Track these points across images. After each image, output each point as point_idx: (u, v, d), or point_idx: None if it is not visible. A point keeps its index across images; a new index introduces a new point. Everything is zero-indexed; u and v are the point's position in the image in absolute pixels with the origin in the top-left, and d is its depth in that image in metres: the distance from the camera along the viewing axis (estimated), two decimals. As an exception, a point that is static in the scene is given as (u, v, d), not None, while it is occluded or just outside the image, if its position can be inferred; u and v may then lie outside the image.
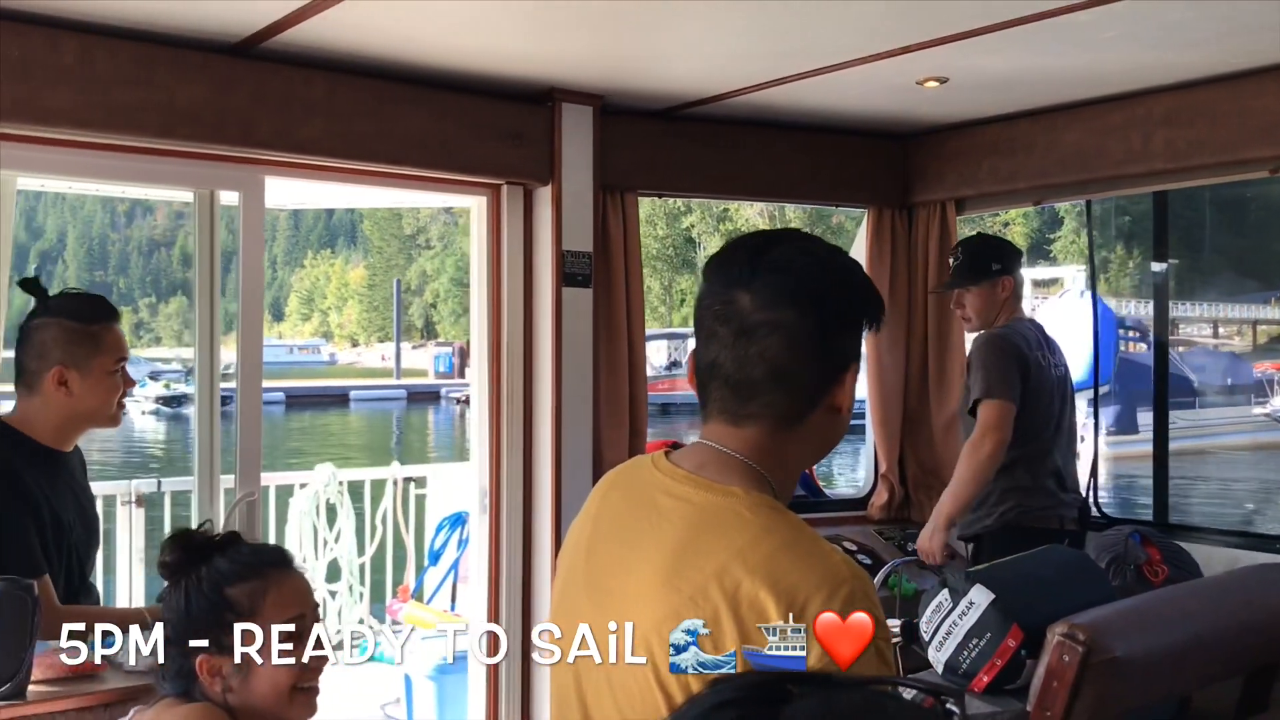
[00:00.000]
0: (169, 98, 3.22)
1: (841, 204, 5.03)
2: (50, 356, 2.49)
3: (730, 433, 1.35)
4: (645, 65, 3.72)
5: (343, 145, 3.54)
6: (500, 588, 4.04)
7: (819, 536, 1.31)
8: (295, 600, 1.90)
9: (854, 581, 1.25)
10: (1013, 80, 3.80)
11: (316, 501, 6.18)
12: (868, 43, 3.38)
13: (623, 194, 4.15)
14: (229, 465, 3.57)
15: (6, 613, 2.09)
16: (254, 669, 1.83)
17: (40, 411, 2.50)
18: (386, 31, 3.28)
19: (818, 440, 1.39)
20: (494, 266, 4.06)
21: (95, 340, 2.52)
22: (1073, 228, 39.26)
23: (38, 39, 3.03)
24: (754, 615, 1.21)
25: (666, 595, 1.26)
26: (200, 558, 1.87)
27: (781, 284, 1.32)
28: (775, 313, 1.31)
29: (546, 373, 4.01)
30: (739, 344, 1.32)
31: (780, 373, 1.32)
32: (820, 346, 1.33)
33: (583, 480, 4.00)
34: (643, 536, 1.33)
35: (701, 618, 1.23)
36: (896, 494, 4.61)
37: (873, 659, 1.21)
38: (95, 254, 76.49)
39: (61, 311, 2.53)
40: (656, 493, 1.35)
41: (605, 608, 1.33)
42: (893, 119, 4.39)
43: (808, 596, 1.21)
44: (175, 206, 78.92)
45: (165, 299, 69.07)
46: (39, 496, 2.44)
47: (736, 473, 1.34)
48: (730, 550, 1.26)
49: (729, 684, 0.74)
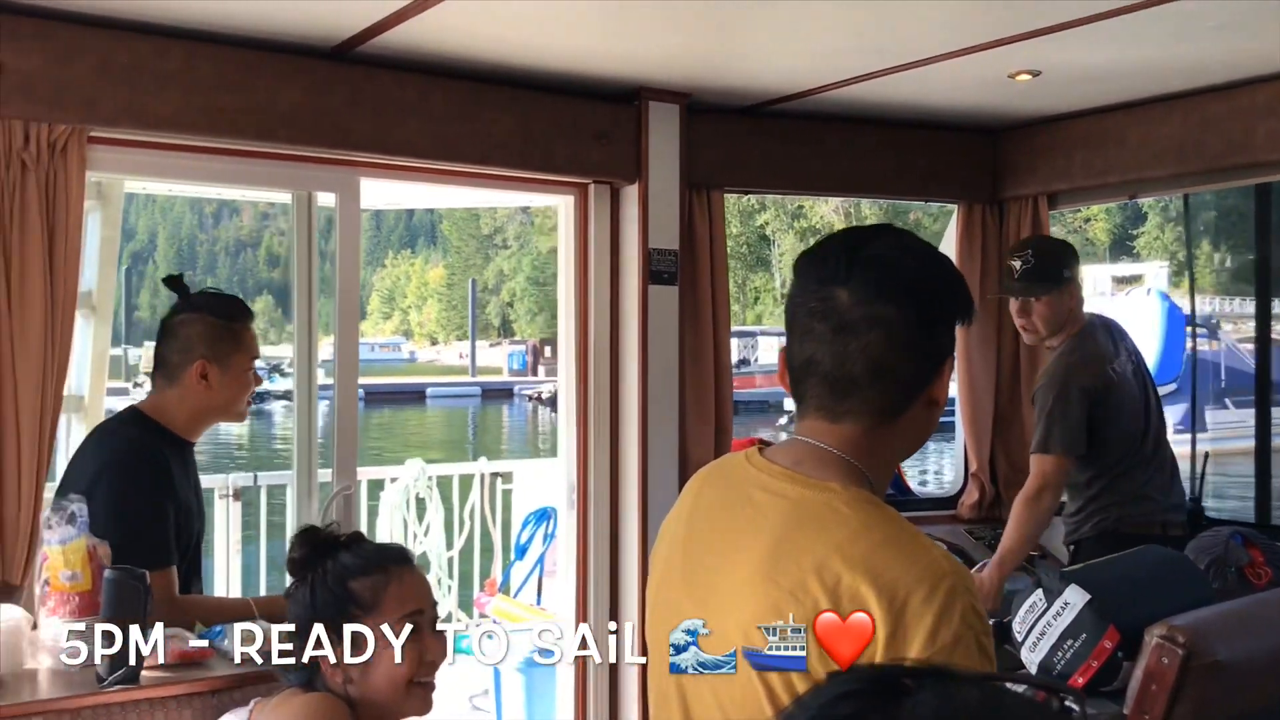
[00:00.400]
0: (269, 101, 3.30)
1: (930, 199, 4.98)
2: (194, 350, 2.60)
3: (827, 428, 1.36)
4: (732, 62, 3.73)
5: (435, 146, 3.60)
6: (588, 583, 4.08)
7: (918, 531, 1.31)
8: (415, 596, 1.95)
9: (955, 576, 1.25)
10: (1108, 72, 3.73)
11: (407, 495, 6.29)
12: (960, 37, 3.35)
13: (709, 191, 4.16)
14: (322, 460, 3.66)
15: (120, 600, 2.17)
16: (374, 662, 1.88)
17: (177, 402, 2.61)
18: (477, 34, 3.33)
19: (913, 434, 1.39)
20: (581, 265, 4.10)
21: (236, 338, 2.65)
22: (1156, 223, 38.21)
23: (145, 47, 3.13)
24: (855, 609, 1.22)
25: (766, 590, 1.27)
26: (326, 553, 1.93)
27: (880, 279, 1.32)
28: (875, 308, 1.31)
29: (633, 370, 4.04)
30: (837, 340, 1.32)
31: (880, 368, 1.32)
32: (919, 341, 1.34)
33: (669, 476, 4.02)
34: (740, 532, 1.34)
35: (802, 612, 1.24)
36: (987, 493, 4.55)
37: (974, 652, 1.20)
38: (184, 254, 78.53)
39: (206, 308, 2.66)
40: (752, 488, 1.36)
41: (705, 604, 1.35)
42: (983, 113, 4.33)
43: (909, 591, 1.22)
44: (260, 208, 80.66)
45: (251, 298, 70.39)
46: (178, 483, 2.55)
47: (833, 468, 1.34)
48: (829, 545, 1.26)
49: (850, 675, 0.75)
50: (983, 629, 1.23)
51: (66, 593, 2.26)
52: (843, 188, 4.69)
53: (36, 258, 2.98)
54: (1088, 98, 4.09)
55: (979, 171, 4.55)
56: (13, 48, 2.95)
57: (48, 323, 2.99)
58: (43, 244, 2.99)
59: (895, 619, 1.21)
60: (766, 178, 4.35)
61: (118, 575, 2.18)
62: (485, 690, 5.11)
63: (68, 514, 2.28)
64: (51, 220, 3.01)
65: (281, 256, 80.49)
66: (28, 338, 2.97)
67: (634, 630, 4.07)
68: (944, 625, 1.20)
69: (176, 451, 2.62)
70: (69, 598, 2.26)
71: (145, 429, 2.59)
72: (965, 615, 1.22)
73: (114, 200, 3.73)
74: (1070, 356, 3.51)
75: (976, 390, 4.53)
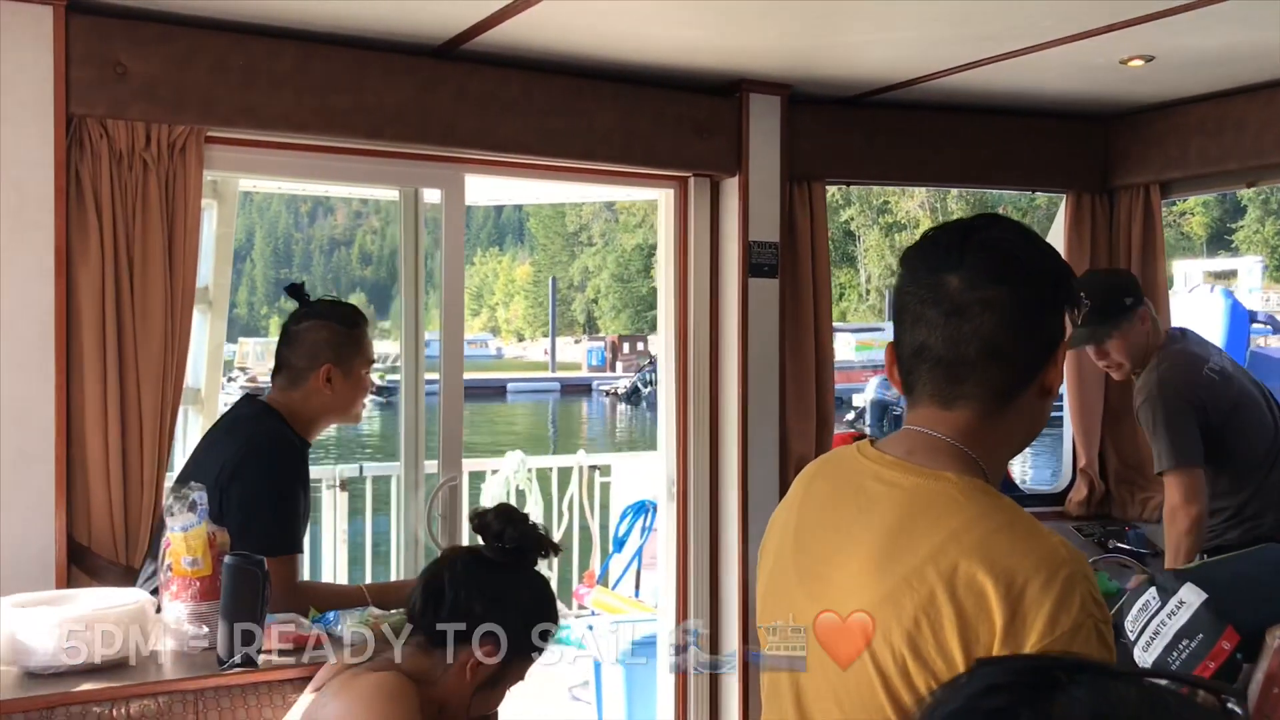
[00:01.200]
0: (377, 100, 3.37)
1: (1037, 189, 4.88)
2: (321, 356, 2.71)
3: (940, 416, 1.35)
4: (834, 53, 3.69)
5: (537, 142, 3.64)
6: (688, 576, 4.08)
7: (1035, 519, 1.29)
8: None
9: (1073, 564, 1.23)
10: (1224, 56, 3.61)
11: (508, 488, 6.37)
12: (1069, 23, 3.27)
13: (810, 183, 4.13)
14: (426, 452, 3.73)
15: (239, 586, 2.24)
16: (504, 680, 2.00)
17: (300, 404, 2.72)
18: (579, 29, 3.36)
19: (1026, 422, 1.38)
20: (681, 258, 4.10)
21: (357, 343, 2.77)
22: (1256, 216, 36.88)
23: (259, 48, 3.22)
24: (971, 596, 1.21)
25: (881, 579, 1.27)
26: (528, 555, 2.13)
27: (992, 263, 1.32)
28: (988, 290, 1.31)
29: (732, 363, 4.03)
30: (950, 324, 1.32)
31: (995, 349, 1.32)
32: (1033, 322, 1.34)
33: (769, 470, 4.01)
34: (853, 523, 1.34)
35: (917, 599, 1.23)
36: (1097, 489, 4.45)
37: (1094, 640, 1.18)
38: (280, 252, 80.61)
39: (329, 315, 2.77)
40: (865, 479, 1.36)
41: (819, 595, 1.35)
42: (1092, 100, 4.23)
43: (1027, 578, 1.20)
44: (354, 206, 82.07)
45: (346, 296, 72.00)
46: (307, 477, 2.66)
47: (947, 457, 1.33)
48: (945, 532, 1.25)
49: (998, 667, 0.72)
50: (1102, 617, 1.21)
51: (188, 578, 2.34)
52: (947, 178, 4.61)
53: (157, 254, 3.09)
54: (1203, 83, 3.96)
55: (1088, 160, 4.44)
56: (135, 52, 3.06)
57: (167, 317, 3.10)
58: (163, 241, 3.10)
59: (1013, 606, 1.19)
60: (869, 169, 4.30)
61: (237, 561, 2.25)
62: (585, 681, 5.15)
63: (189, 501, 2.36)
64: (171, 218, 3.12)
65: (374, 254, 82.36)
66: (149, 332, 3.08)
67: (735, 622, 4.06)
68: (1063, 612, 1.19)
69: (303, 447, 2.71)
70: (190, 582, 2.34)
71: (281, 422, 2.69)
72: (1084, 603, 1.20)
73: (229, 198, 3.85)
74: (1159, 368, 3.40)
75: (1086, 385, 4.43)
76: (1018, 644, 1.18)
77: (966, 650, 1.20)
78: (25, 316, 2.94)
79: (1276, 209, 37.93)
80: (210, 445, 2.76)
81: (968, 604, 1.21)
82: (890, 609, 1.25)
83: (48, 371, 2.96)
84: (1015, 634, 1.18)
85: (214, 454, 2.67)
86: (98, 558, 3.00)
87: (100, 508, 3.02)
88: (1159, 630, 2.57)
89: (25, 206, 2.93)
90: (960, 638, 1.20)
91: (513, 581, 2.04)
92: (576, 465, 6.65)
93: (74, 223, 3.00)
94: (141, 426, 3.07)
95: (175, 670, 2.24)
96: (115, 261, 3.04)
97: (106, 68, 3.03)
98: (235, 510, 2.48)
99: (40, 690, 2.08)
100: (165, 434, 3.12)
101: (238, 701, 2.19)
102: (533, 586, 2.09)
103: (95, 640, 2.17)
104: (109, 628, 2.19)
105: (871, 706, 1.26)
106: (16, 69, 2.91)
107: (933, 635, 1.22)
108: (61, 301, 2.97)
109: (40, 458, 2.95)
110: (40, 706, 2.04)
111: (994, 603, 1.20)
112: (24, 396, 2.93)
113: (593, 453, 7.47)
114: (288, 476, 2.61)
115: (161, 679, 2.19)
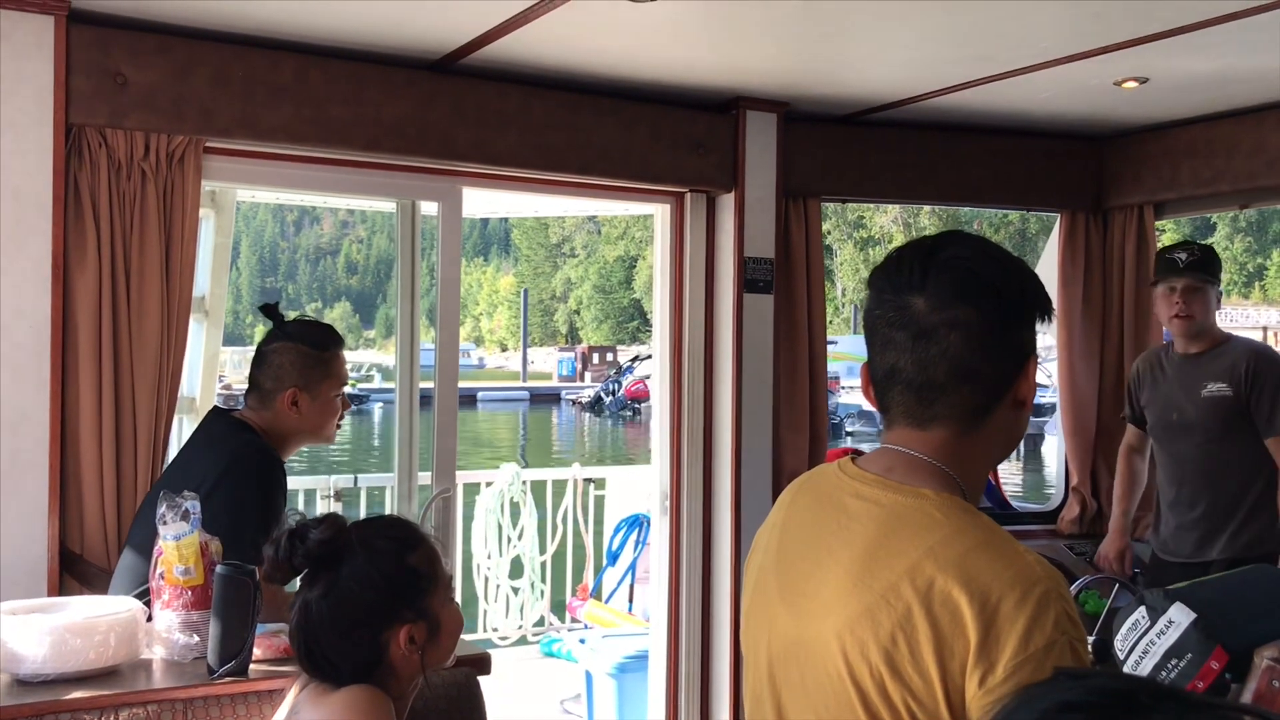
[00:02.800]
0: (376, 113, 3.39)
1: (1032, 208, 4.90)
2: (286, 379, 2.69)
3: (916, 436, 1.36)
4: (831, 71, 3.72)
5: (535, 156, 3.66)
6: (680, 589, 4.09)
7: (1011, 537, 1.30)
8: (441, 558, 1.96)
9: (1048, 581, 1.23)
10: (1218, 79, 3.64)
11: (501, 500, 6.37)
12: (1065, 44, 3.30)
13: (805, 200, 4.15)
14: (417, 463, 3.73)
15: (230, 596, 2.24)
16: (443, 629, 1.88)
17: (271, 425, 2.70)
18: (578, 45, 3.38)
19: (1003, 437, 1.39)
20: (676, 273, 4.12)
21: (326, 366, 2.73)
22: (1225, 234, 37.36)
23: (259, 59, 3.24)
24: (946, 612, 1.21)
25: (859, 594, 1.27)
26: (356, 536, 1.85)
27: (955, 283, 1.33)
28: (953, 311, 1.32)
29: (727, 378, 4.04)
30: (918, 346, 1.33)
31: (963, 370, 1.32)
32: (1000, 340, 1.34)
33: (762, 485, 4.02)
34: (833, 539, 1.35)
35: (893, 616, 1.24)
36: (1089, 507, 4.46)
37: (1068, 658, 1.19)
38: (266, 261, 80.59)
39: (299, 338, 2.73)
40: (845, 496, 1.37)
41: (799, 611, 1.36)
42: (1087, 121, 4.25)
43: (1001, 595, 1.21)
44: (340, 216, 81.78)
45: (330, 304, 72.39)
46: (285, 492, 2.65)
47: (925, 474, 1.34)
48: (922, 549, 1.26)
49: (1078, 684, 0.71)
50: (1077, 635, 1.22)
51: (180, 586, 2.34)
52: (942, 196, 4.63)
53: (154, 263, 3.10)
54: (1197, 105, 3.99)
55: (1082, 180, 4.47)
56: (135, 62, 3.08)
57: (163, 326, 3.11)
58: (160, 250, 3.11)
59: (987, 623, 1.20)
60: (864, 186, 4.32)
61: (229, 571, 2.25)
62: (577, 694, 5.15)
63: (182, 510, 2.36)
64: (169, 227, 3.13)
65: (360, 263, 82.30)
66: (145, 340, 3.09)
67: (727, 637, 4.07)
68: (1037, 630, 1.19)
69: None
70: (182, 591, 2.34)
71: (257, 435, 2.68)
72: (1059, 621, 1.20)
73: (226, 208, 3.87)
74: (1254, 345, 3.70)
75: (1079, 402, 4.45)
76: (991, 661, 1.19)
77: (942, 666, 1.21)
78: (21, 323, 2.95)
79: (1245, 227, 38.55)
80: (188, 459, 2.74)
81: (943, 620, 1.21)
82: (868, 625, 1.25)
83: (43, 378, 2.97)
84: (988, 651, 1.19)
85: (194, 468, 2.64)
86: (90, 565, 3.00)
87: (93, 515, 3.03)
88: (1148, 649, 2.57)
89: (24, 214, 2.94)
90: (936, 654, 1.21)
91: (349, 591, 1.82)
92: (571, 478, 6.66)
93: (72, 231, 3.02)
94: (136, 435, 3.08)
95: (165, 679, 2.24)
96: (112, 270, 3.05)
97: (106, 78, 3.05)
98: (218, 523, 2.46)
99: (30, 698, 2.08)
100: (160, 442, 3.13)
101: (227, 711, 2.19)
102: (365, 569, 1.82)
103: (86, 648, 2.17)
104: (100, 635, 2.20)
105: None
106: (17, 78, 2.93)
107: (909, 652, 1.22)
108: (58, 309, 2.98)
109: (34, 465, 2.95)
110: (29, 715, 2.04)
111: (968, 619, 1.20)
112: (19, 403, 2.94)
113: (610, 466, 7.45)
114: (267, 489, 2.59)
115: (152, 687, 2.19)
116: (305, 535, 1.82)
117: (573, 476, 6.65)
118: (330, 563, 1.83)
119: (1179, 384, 3.70)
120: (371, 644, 1.82)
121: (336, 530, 1.84)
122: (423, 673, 1.87)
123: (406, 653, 1.82)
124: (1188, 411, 3.66)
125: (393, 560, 1.85)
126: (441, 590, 1.90)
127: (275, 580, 1.92)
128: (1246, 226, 38.59)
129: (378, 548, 1.85)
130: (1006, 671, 1.18)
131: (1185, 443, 3.69)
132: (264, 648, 2.31)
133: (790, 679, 1.36)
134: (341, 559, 1.83)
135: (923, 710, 1.22)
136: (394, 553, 1.86)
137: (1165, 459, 3.78)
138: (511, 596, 6.39)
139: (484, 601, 6.34)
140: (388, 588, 1.83)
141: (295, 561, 1.83)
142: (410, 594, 1.84)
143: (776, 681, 1.39)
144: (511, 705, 5.11)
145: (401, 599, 1.84)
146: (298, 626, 1.84)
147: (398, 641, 1.82)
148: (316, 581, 1.84)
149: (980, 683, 1.19)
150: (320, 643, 1.82)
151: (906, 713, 1.23)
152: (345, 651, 1.81)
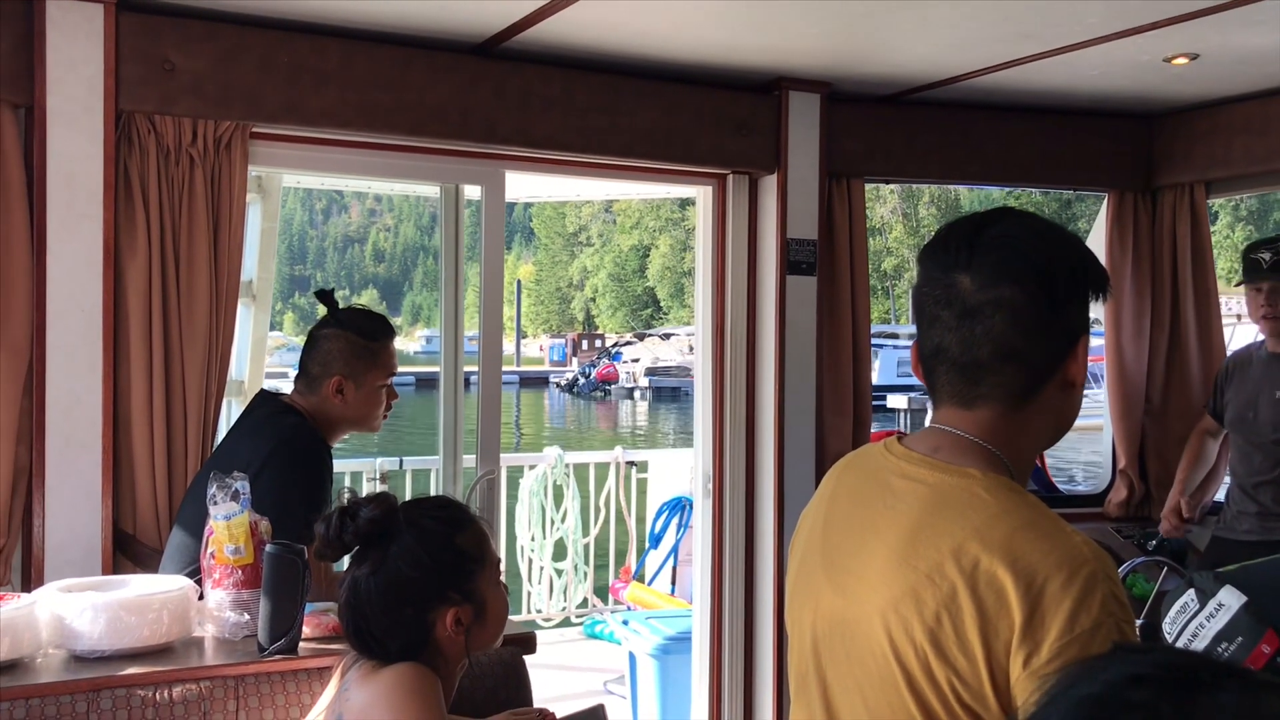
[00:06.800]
0: (419, 97, 3.41)
1: (1079, 188, 4.84)
2: (333, 366, 2.72)
3: (962, 416, 1.35)
4: (875, 51, 3.69)
5: (578, 139, 3.66)
6: (723, 571, 4.09)
7: (1058, 518, 1.29)
8: (490, 540, 1.97)
9: (1095, 562, 1.22)
10: (1270, 55, 3.57)
11: (545, 483, 6.41)
12: (1113, 21, 3.25)
13: (849, 181, 4.12)
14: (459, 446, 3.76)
15: (280, 574, 2.27)
16: (489, 613, 1.90)
17: (316, 409, 2.74)
18: (620, 27, 3.37)
19: (1052, 417, 1.37)
20: (718, 255, 4.11)
21: (374, 356, 2.75)
22: (1227, 222, 36.72)
23: (304, 45, 3.27)
24: (991, 592, 1.21)
25: (903, 573, 1.27)
26: (407, 516, 1.88)
27: (1001, 261, 1.31)
28: (997, 291, 1.30)
29: (769, 360, 4.03)
30: (963, 326, 1.32)
31: (1007, 351, 1.31)
32: (1047, 320, 1.32)
33: (805, 467, 4.01)
34: (878, 518, 1.35)
35: (938, 595, 1.24)
36: (1136, 490, 4.41)
37: (1114, 636, 1.18)
38: (295, 249, 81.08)
39: (349, 325, 2.76)
40: (891, 475, 1.36)
41: (844, 590, 1.36)
42: (1136, 98, 4.19)
43: (1047, 576, 1.20)
44: (368, 204, 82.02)
45: (358, 291, 73.07)
46: (332, 474, 2.68)
47: (972, 454, 1.33)
48: (968, 529, 1.25)
49: (1144, 658, 0.70)
50: (1124, 617, 1.21)
51: (230, 566, 2.38)
52: (989, 176, 4.57)
53: (203, 249, 3.14)
54: (1250, 81, 3.92)
55: (1131, 159, 4.40)
56: (183, 49, 3.12)
57: (212, 310, 3.15)
58: (208, 235, 3.15)
59: (1033, 603, 1.19)
60: (908, 167, 4.28)
61: (278, 550, 2.28)
62: (620, 675, 5.17)
63: (232, 491, 2.39)
64: (216, 213, 3.17)
65: (387, 251, 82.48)
66: (194, 325, 3.13)
67: (770, 619, 4.07)
68: (1083, 611, 1.18)
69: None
70: (232, 570, 2.38)
71: (304, 419, 2.72)
72: (1105, 602, 1.19)
73: (273, 193, 3.91)
74: None
75: (1127, 385, 4.39)
76: (1036, 642, 1.18)
77: (987, 646, 1.20)
78: (74, 308, 3.00)
79: (1245, 215, 37.88)
80: (236, 441, 2.77)
81: (988, 600, 1.21)
82: (912, 604, 1.25)
83: (95, 362, 3.02)
84: (1034, 632, 1.18)
85: (242, 450, 2.67)
86: (142, 545, 3.06)
87: (145, 496, 3.08)
88: (1197, 632, 2.55)
89: (75, 200, 2.99)
90: (981, 634, 1.21)
91: (398, 570, 1.84)
92: (614, 461, 6.68)
93: (122, 217, 3.06)
94: (186, 417, 3.13)
95: (217, 656, 2.28)
96: (162, 255, 3.09)
97: (155, 65, 3.08)
98: (267, 503, 2.49)
99: (86, 673, 2.13)
100: (209, 425, 3.17)
101: (277, 687, 2.22)
102: (413, 548, 1.85)
103: (140, 625, 2.22)
104: (153, 613, 2.24)
105: (895, 700, 1.26)
106: (68, 66, 2.97)
107: (954, 631, 1.22)
108: (109, 294, 3.03)
109: (88, 447, 3.01)
110: (86, 689, 2.09)
111: (1014, 600, 1.19)
112: (72, 387, 2.99)
113: (653, 449, 7.48)
114: (314, 469, 2.63)
115: (204, 664, 2.23)
116: (356, 513, 1.85)
117: (615, 459, 6.68)
118: (380, 541, 1.86)
119: (1263, 381, 3.70)
120: (418, 624, 1.84)
121: (387, 509, 1.87)
122: (468, 656, 1.89)
123: (452, 634, 1.84)
124: (1263, 410, 3.65)
125: (441, 540, 1.87)
126: (489, 572, 1.92)
127: (326, 557, 1.95)
128: (1247, 215, 37.93)
129: (426, 527, 1.88)
130: (1052, 652, 1.17)
131: (1258, 439, 3.69)
132: (313, 625, 2.35)
133: (835, 657, 1.37)
134: (391, 538, 1.85)
135: (968, 690, 1.22)
136: (442, 533, 1.88)
137: (1240, 445, 3.80)
138: (555, 578, 6.43)
139: (528, 583, 6.39)
140: (435, 567, 1.85)
141: (346, 539, 1.86)
142: (457, 575, 1.86)
143: (821, 660, 1.39)
144: (556, 684, 5.15)
145: (448, 580, 1.86)
146: (346, 604, 1.87)
147: (444, 623, 1.84)
148: (365, 559, 1.87)
149: (1025, 664, 1.18)
150: (368, 620, 1.85)
151: (951, 693, 1.23)
152: (392, 630, 1.84)
